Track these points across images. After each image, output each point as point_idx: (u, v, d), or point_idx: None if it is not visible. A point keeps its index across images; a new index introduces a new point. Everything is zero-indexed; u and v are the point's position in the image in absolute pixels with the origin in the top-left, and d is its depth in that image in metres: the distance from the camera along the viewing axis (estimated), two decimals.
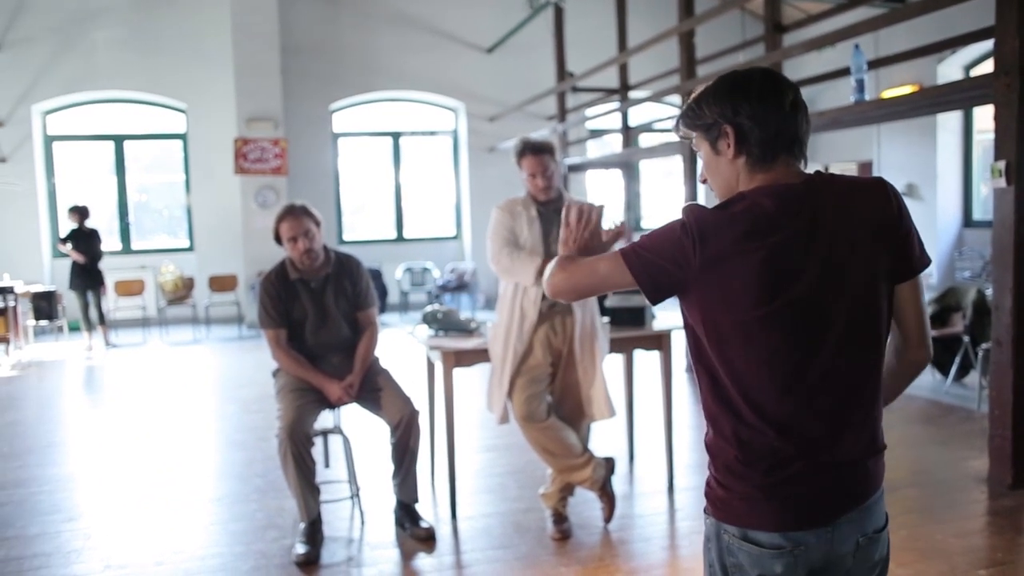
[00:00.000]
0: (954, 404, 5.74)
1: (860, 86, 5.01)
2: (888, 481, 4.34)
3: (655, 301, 1.52)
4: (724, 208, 1.46)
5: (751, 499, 1.47)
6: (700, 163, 1.60)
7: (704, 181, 1.60)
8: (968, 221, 9.93)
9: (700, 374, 1.53)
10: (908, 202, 6.82)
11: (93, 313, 9.52)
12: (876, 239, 1.46)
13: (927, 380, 6.38)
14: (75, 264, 9.34)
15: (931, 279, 8.81)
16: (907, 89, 8.48)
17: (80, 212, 9.43)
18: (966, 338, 5.90)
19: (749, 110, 1.46)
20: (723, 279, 1.43)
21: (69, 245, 9.34)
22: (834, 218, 1.44)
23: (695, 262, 1.43)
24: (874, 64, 6.13)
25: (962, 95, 4.82)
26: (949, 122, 9.74)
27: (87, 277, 9.37)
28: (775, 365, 1.44)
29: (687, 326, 1.54)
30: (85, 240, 9.36)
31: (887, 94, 8.64)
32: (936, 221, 9.75)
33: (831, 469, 1.47)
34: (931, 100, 5.19)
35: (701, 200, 7.54)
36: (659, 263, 1.47)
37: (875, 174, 10.63)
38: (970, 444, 4.80)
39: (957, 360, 6.05)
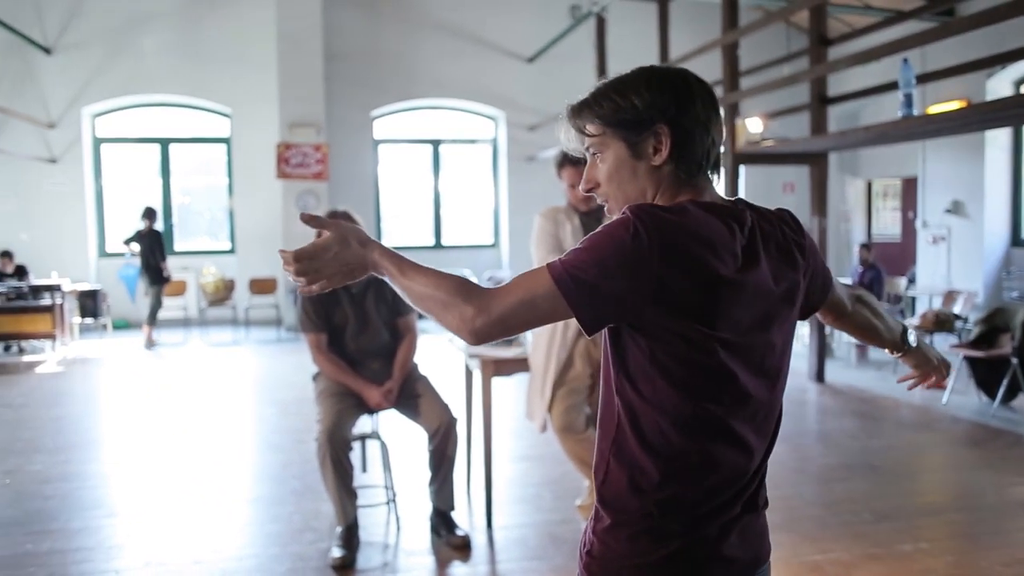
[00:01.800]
0: (1001, 427, 5.61)
1: (908, 101, 4.94)
2: (932, 504, 4.23)
3: (593, 331, 1.23)
4: (676, 213, 1.21)
5: (660, 562, 1.25)
6: (599, 168, 1.33)
7: (590, 190, 1.35)
8: (1016, 240, 9.72)
9: (622, 411, 1.26)
10: (954, 220, 6.76)
11: (148, 310, 9.95)
12: (795, 271, 1.33)
13: (973, 402, 6.25)
14: (142, 262, 9.91)
15: (977, 299, 8.63)
16: (954, 104, 8.35)
17: (148, 214, 9.91)
18: (1014, 360, 5.77)
19: (696, 112, 1.25)
20: (682, 300, 1.18)
21: (133, 245, 9.86)
22: (767, 246, 1.28)
23: (652, 279, 1.16)
24: (921, 79, 6.04)
25: (1013, 112, 4.74)
26: (999, 138, 9.55)
27: (149, 275, 9.86)
28: (721, 398, 1.24)
29: (618, 357, 1.27)
30: (147, 240, 9.81)
31: (932, 109, 8.51)
32: (983, 240, 9.56)
33: (744, 520, 1.30)
34: (981, 116, 5.11)
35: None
36: (605, 285, 1.17)
37: (920, 190, 10.49)
38: (1018, 469, 4.69)
39: (1005, 382, 5.92)
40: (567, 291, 1.17)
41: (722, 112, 1.39)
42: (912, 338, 1.63)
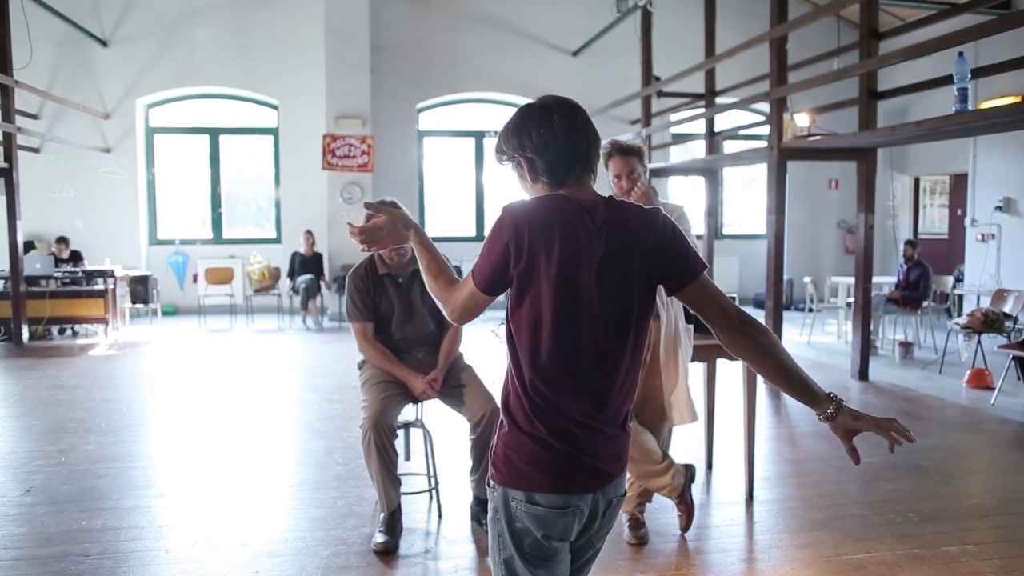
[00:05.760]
0: None
1: (963, 95, 4.85)
2: (979, 507, 4.15)
3: (493, 296, 1.69)
4: (532, 203, 1.68)
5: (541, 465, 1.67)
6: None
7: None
8: None
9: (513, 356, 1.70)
10: (1004, 217, 6.61)
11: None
12: (644, 255, 1.66)
13: (1022, 404, 6.13)
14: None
15: None
16: (1009, 100, 8.16)
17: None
18: None
19: (530, 144, 1.69)
20: (537, 268, 1.61)
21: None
22: (612, 232, 1.66)
23: (520, 256, 1.61)
24: (975, 73, 5.91)
25: None
26: None
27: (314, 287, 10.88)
28: (556, 343, 1.63)
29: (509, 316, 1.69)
30: (313, 260, 11.02)
31: (985, 105, 8.32)
32: None
33: (597, 441, 1.68)
34: None
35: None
36: (491, 268, 1.64)
37: (970, 187, 10.28)
38: None
39: None
40: (473, 275, 1.71)
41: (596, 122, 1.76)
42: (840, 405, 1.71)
